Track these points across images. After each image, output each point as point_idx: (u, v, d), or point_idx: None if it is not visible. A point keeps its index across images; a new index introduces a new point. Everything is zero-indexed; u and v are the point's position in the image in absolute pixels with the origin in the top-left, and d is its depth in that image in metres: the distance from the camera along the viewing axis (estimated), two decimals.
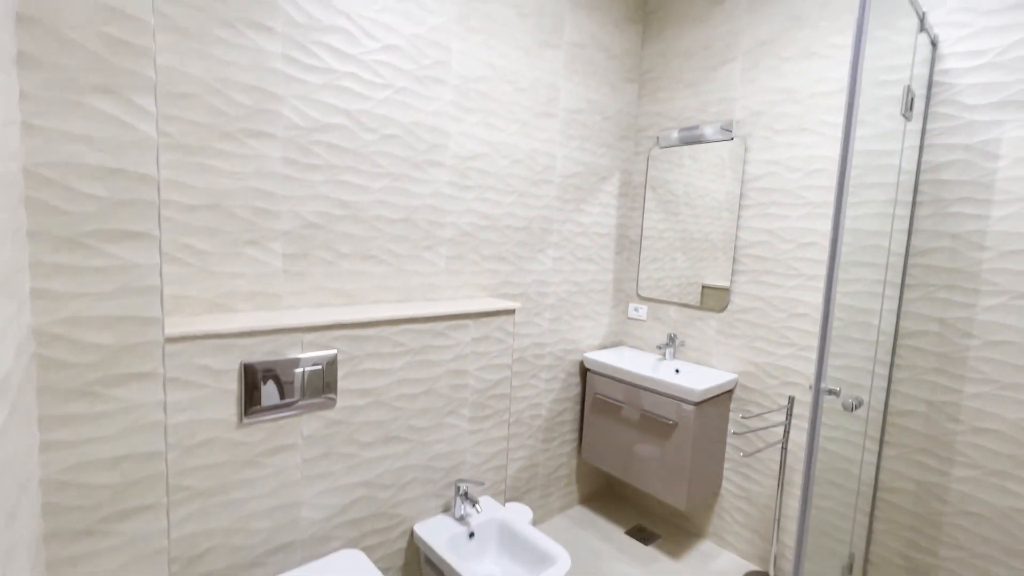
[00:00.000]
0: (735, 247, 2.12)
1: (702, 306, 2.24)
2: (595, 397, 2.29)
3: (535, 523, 2.28)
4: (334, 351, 1.37)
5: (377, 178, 1.56)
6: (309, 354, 1.32)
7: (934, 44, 1.61)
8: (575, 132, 2.17)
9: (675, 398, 1.99)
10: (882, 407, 1.76)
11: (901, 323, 1.72)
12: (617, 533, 2.28)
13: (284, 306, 1.42)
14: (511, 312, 1.81)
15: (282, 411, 1.29)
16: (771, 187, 2.00)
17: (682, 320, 2.32)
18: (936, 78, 1.62)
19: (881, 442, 1.78)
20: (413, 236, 1.68)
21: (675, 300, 2.35)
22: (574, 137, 2.17)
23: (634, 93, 2.43)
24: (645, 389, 2.09)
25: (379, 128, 1.55)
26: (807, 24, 1.88)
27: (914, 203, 1.68)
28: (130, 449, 0.91)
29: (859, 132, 1.48)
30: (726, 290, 2.16)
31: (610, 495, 2.61)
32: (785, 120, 1.95)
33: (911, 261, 1.69)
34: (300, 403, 1.32)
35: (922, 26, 1.51)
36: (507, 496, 2.13)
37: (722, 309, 2.17)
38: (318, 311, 1.42)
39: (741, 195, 2.09)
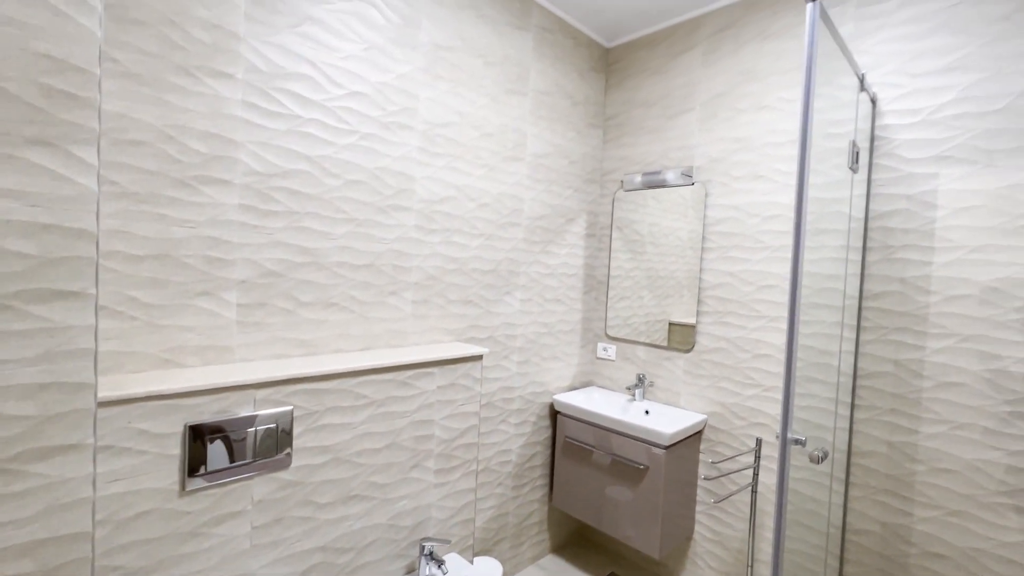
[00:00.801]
0: (699, 288, 2.16)
1: (669, 345, 2.26)
2: (565, 441, 2.25)
3: None
4: (290, 407, 1.29)
5: (340, 224, 1.53)
6: (263, 412, 1.24)
7: (874, 102, 1.73)
8: (542, 175, 2.20)
9: (645, 441, 1.96)
10: (846, 448, 1.78)
11: (859, 364, 1.77)
12: None
13: (238, 359, 1.34)
14: (478, 358, 1.78)
15: (231, 475, 1.20)
16: (731, 231, 2.06)
17: (651, 360, 2.33)
18: (877, 132, 1.73)
19: (847, 483, 1.79)
20: (378, 282, 1.64)
21: (643, 339, 2.36)
22: (541, 180, 2.20)
23: (599, 138, 2.50)
24: (615, 432, 2.07)
25: (343, 173, 1.52)
26: (757, 78, 1.99)
27: (865, 249, 1.76)
28: (50, 532, 0.82)
29: (812, 180, 1.56)
30: (692, 327, 2.18)
31: (583, 543, 2.53)
32: (742, 167, 2.03)
33: (865, 304, 1.76)
34: (252, 465, 1.23)
35: (862, 86, 1.62)
36: (476, 550, 2.03)
37: (689, 349, 2.19)
38: (274, 364, 1.35)
39: (703, 238, 2.15)
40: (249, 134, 1.33)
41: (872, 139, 1.74)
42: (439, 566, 1.52)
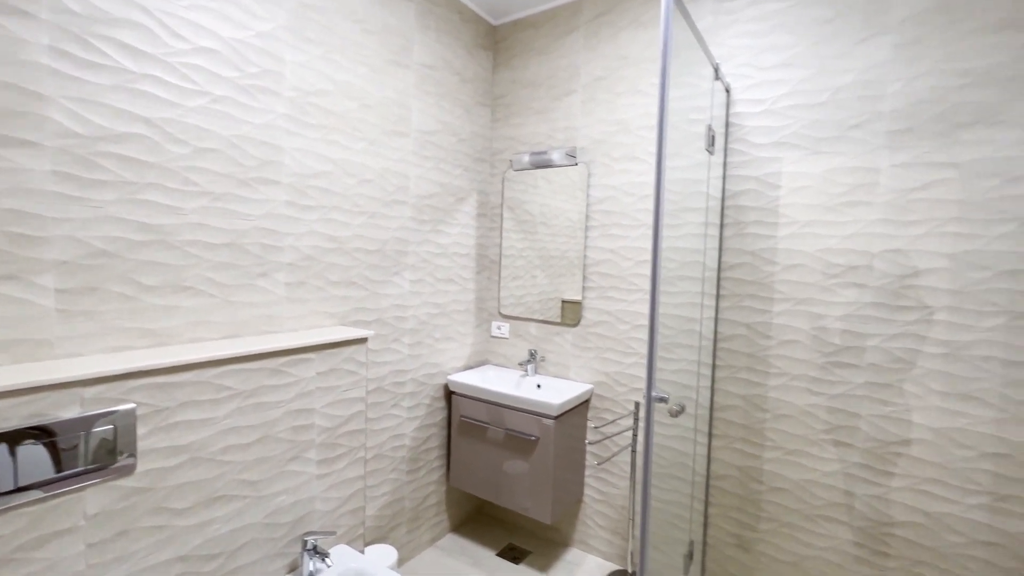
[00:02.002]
0: (584, 265, 2.26)
1: (562, 321, 2.34)
2: (461, 420, 2.25)
3: (401, 562, 2.15)
4: (132, 405, 1.13)
5: (191, 197, 1.36)
6: (94, 412, 1.08)
7: (728, 91, 1.90)
8: (430, 153, 2.15)
9: (536, 414, 2.03)
10: (708, 404, 1.99)
11: (718, 329, 1.97)
12: (489, 556, 2.25)
13: (60, 354, 1.14)
14: (362, 341, 1.70)
15: (54, 488, 1.03)
16: (611, 210, 2.17)
17: (542, 336, 2.40)
18: (731, 119, 1.91)
19: (710, 436, 2.00)
20: (243, 262, 1.49)
21: (537, 316, 2.42)
22: (429, 158, 2.14)
23: (488, 117, 2.48)
24: (508, 407, 2.11)
25: (192, 140, 1.35)
26: (632, 64, 2.09)
27: (722, 225, 1.95)
28: None
29: (676, 163, 1.68)
30: (579, 304, 2.28)
31: (482, 519, 2.57)
32: (620, 149, 2.14)
33: (723, 275, 1.95)
34: (83, 475, 1.06)
35: (717, 75, 1.77)
36: (368, 539, 1.97)
37: (576, 323, 2.29)
38: (110, 358, 1.17)
39: (587, 216, 2.24)
40: (61, 88, 1.12)
41: (727, 125, 1.92)
42: (323, 559, 1.45)
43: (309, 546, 1.46)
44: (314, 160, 1.67)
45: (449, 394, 2.35)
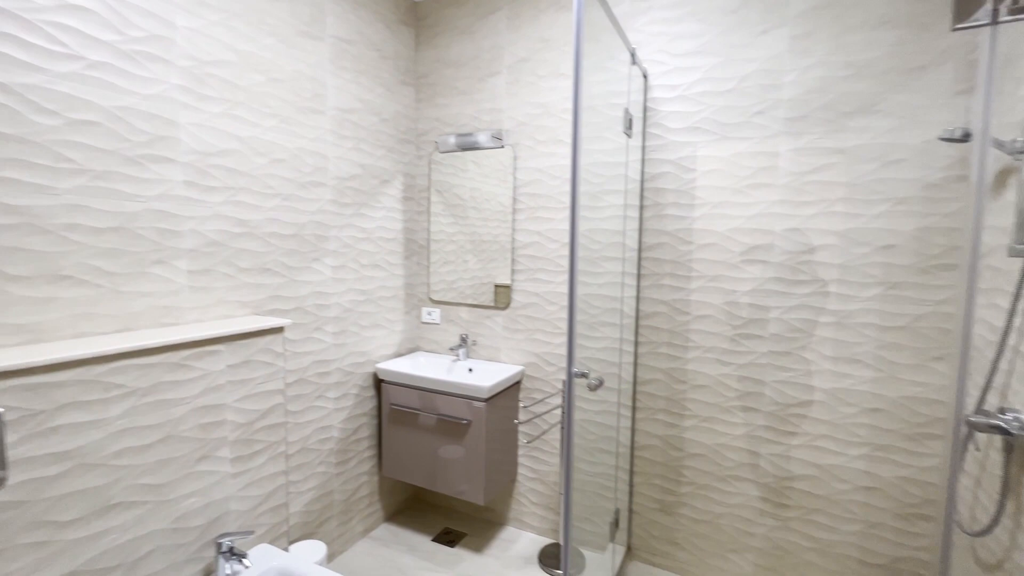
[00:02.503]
0: (513, 248, 2.27)
1: (494, 304, 2.35)
2: (392, 408, 2.21)
3: (333, 556, 2.09)
4: None
5: (65, 176, 1.21)
6: None
7: (645, 76, 1.96)
8: (349, 132, 2.05)
9: (467, 397, 2.03)
10: (632, 378, 2.08)
11: (640, 307, 2.06)
12: (424, 542, 2.24)
13: None
14: (279, 330, 1.61)
15: None
16: (538, 192, 2.19)
17: (473, 320, 2.40)
18: (649, 104, 1.98)
19: (633, 409, 2.10)
20: (134, 248, 1.35)
21: (469, 301, 2.41)
22: (348, 138, 2.05)
23: (411, 96, 2.41)
24: (440, 393, 2.09)
25: (63, 111, 1.19)
26: (554, 47, 2.10)
27: (641, 207, 2.02)
28: None
29: (596, 146, 1.71)
30: (510, 288, 2.29)
31: (417, 506, 2.55)
32: (544, 132, 2.15)
33: (643, 255, 2.04)
34: None
35: (634, 60, 1.82)
36: (294, 536, 1.90)
37: (507, 306, 2.31)
38: None
39: (514, 199, 2.25)
40: None
41: (644, 110, 1.98)
42: (240, 561, 1.37)
43: (224, 548, 1.38)
44: (216, 137, 1.54)
45: (379, 382, 2.30)
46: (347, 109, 2.03)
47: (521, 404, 2.29)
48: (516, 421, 2.09)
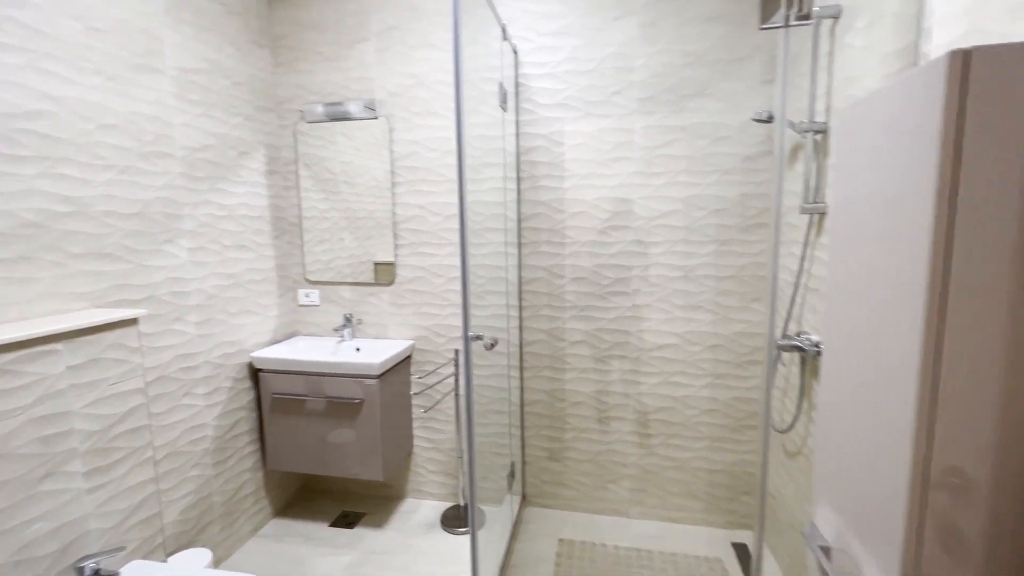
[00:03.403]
0: (394, 222, 2.24)
1: (377, 281, 2.30)
2: (273, 397, 2.07)
3: (218, 561, 1.94)
4: None
5: None
6: None
7: (515, 52, 2.04)
8: (197, 96, 1.81)
9: (357, 376, 1.99)
10: (518, 341, 2.22)
11: (522, 273, 2.19)
12: (321, 529, 2.18)
13: None
14: (131, 322, 1.41)
15: None
16: (417, 165, 2.18)
17: (356, 299, 2.33)
18: (520, 80, 2.07)
19: (521, 369, 2.25)
20: None
21: (349, 280, 2.32)
22: (197, 102, 1.81)
23: (268, 59, 2.20)
24: (327, 375, 2.02)
25: None
26: (424, 16, 2.08)
27: (519, 179, 2.13)
28: None
29: (474, 120, 1.76)
30: (393, 265, 2.27)
31: (310, 495, 2.45)
32: (419, 104, 2.13)
33: (523, 225, 2.16)
34: None
35: (505, 36, 1.89)
36: (172, 547, 1.72)
37: (392, 282, 2.28)
38: None
39: (392, 172, 2.21)
40: None
41: (517, 85, 2.07)
42: None
43: (88, 572, 1.21)
44: (19, 94, 1.27)
45: (255, 372, 2.13)
46: (191, 69, 1.79)
47: (414, 377, 2.31)
48: (413, 393, 2.11)
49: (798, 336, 1.64)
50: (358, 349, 2.23)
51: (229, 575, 1.27)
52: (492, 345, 1.49)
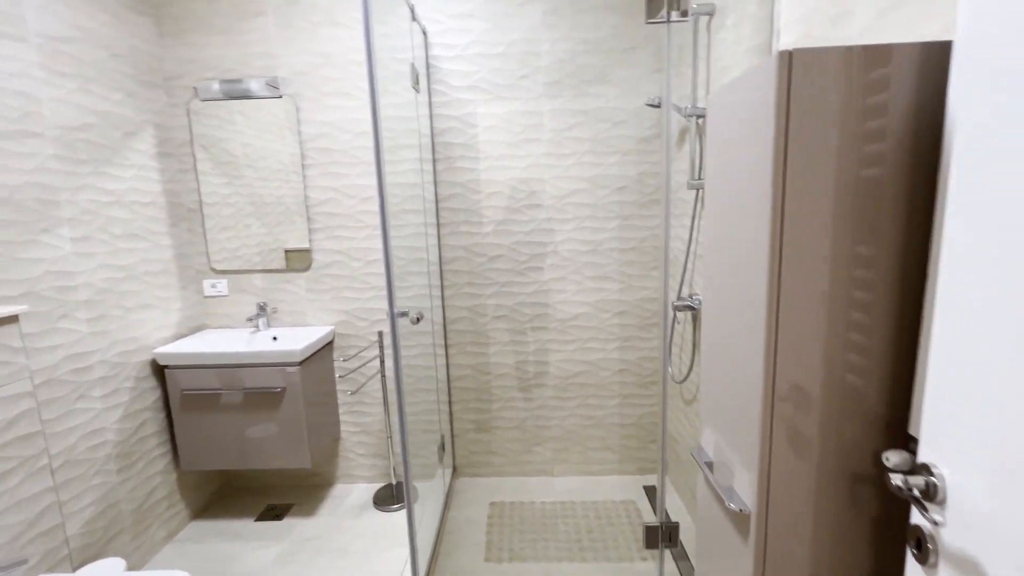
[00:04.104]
0: (307, 206, 2.18)
1: (291, 268, 2.23)
2: (184, 394, 1.96)
3: (133, 570, 1.82)
4: None
5: None
6: None
7: (425, 33, 2.06)
8: (69, 68, 1.63)
9: (277, 365, 1.94)
10: (442, 320, 2.28)
11: (442, 253, 2.25)
12: (247, 525, 2.11)
13: None
14: (11, 320, 1.28)
15: None
16: (329, 147, 2.13)
17: (270, 287, 2.24)
18: (431, 61, 2.09)
19: (446, 346, 2.32)
20: None
21: (259, 268, 2.23)
22: (69, 75, 1.63)
23: (151, 30, 2.01)
24: (244, 366, 1.95)
25: None
26: None
27: (434, 160, 2.17)
28: None
29: (387, 100, 1.77)
30: (308, 251, 2.21)
31: (229, 494, 2.36)
32: (329, 83, 2.08)
33: (440, 205, 2.21)
34: None
35: (413, 16, 1.90)
36: (79, 559, 1.60)
37: (307, 268, 2.22)
38: None
39: (303, 155, 2.14)
40: None
41: (428, 66, 2.09)
42: None
43: None
44: None
45: (161, 370, 2.00)
46: (60, 37, 1.61)
47: (337, 363, 2.29)
48: (339, 376, 2.09)
49: (690, 297, 1.87)
50: (275, 338, 2.16)
51: (154, 574, 1.23)
52: (419, 319, 1.55)
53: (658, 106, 1.91)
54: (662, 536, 1.55)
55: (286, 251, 2.24)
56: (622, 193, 2.15)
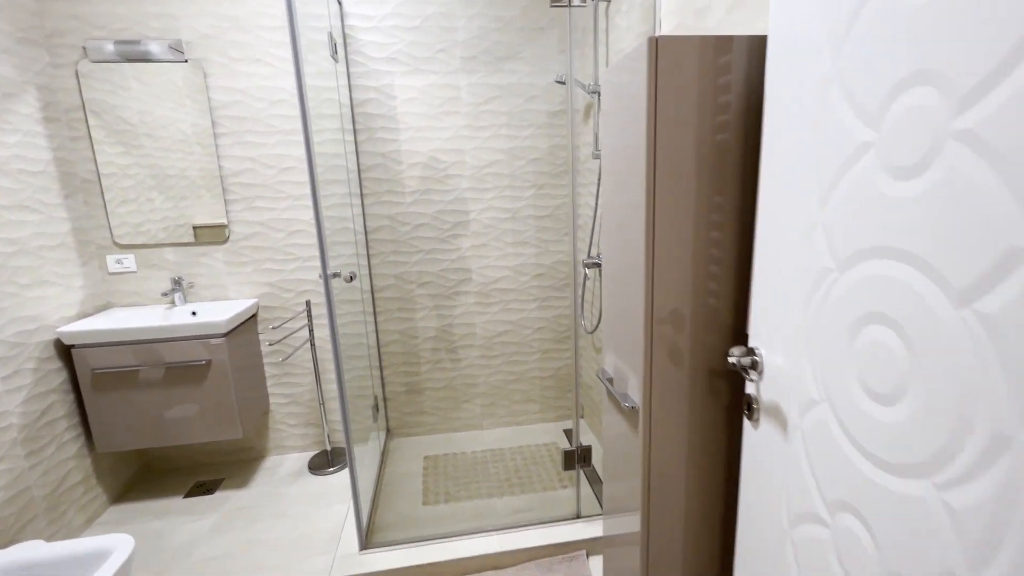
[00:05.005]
0: (222, 176, 2.12)
1: (204, 241, 2.16)
2: (96, 374, 1.88)
3: None
4: None
5: None
6: None
7: (340, 3, 2.07)
8: None
9: (200, 337, 1.92)
10: (370, 288, 2.35)
11: (367, 223, 2.30)
12: (174, 503, 2.09)
13: None
14: None
15: None
16: (241, 115, 2.09)
17: (185, 261, 2.17)
18: (347, 32, 2.11)
19: (375, 313, 2.40)
20: None
21: (168, 241, 2.15)
22: None
23: None
24: (162, 341, 1.90)
25: None
26: None
27: (355, 130, 2.20)
28: None
29: (307, 69, 1.78)
30: (223, 226, 2.16)
31: (152, 475, 2.29)
32: (239, 49, 2.03)
33: (363, 175, 2.25)
34: None
35: None
36: None
37: (225, 240, 2.18)
38: None
39: (214, 123, 2.07)
40: None
41: (344, 36, 2.11)
42: None
43: None
44: None
45: (67, 349, 1.89)
46: None
47: (264, 337, 2.28)
48: (269, 343, 2.10)
49: (598, 256, 2.11)
50: (194, 313, 2.12)
51: (93, 539, 1.25)
52: (352, 277, 1.63)
53: (564, 83, 2.10)
54: (578, 458, 1.79)
55: (194, 227, 2.18)
56: (536, 164, 2.33)
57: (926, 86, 0.48)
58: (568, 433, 2.53)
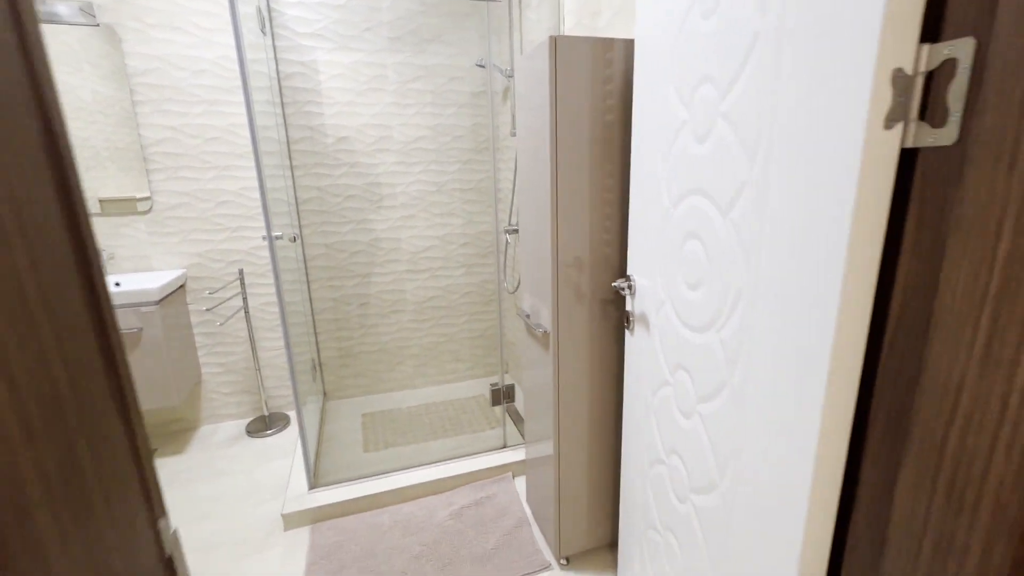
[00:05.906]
0: (142, 145, 2.11)
1: (107, 213, 2.13)
2: None
3: None
4: None
5: None
6: None
7: None
8: None
9: (130, 306, 1.94)
10: (303, 256, 2.45)
11: (298, 194, 2.39)
12: None
13: None
14: None
15: None
16: (161, 83, 2.08)
17: (103, 231, 2.14)
18: (273, 5, 2.16)
19: (308, 282, 2.50)
20: None
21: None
22: None
23: None
24: None
25: None
26: None
27: (283, 103, 2.27)
28: None
29: (231, 40, 1.84)
30: (132, 200, 2.14)
31: None
32: (155, 15, 2.01)
33: (292, 148, 2.33)
34: None
35: None
36: None
37: (148, 211, 2.17)
38: None
39: (132, 90, 2.05)
40: None
41: (269, 10, 2.16)
42: None
43: None
44: None
45: None
46: None
47: (194, 306, 2.30)
48: (206, 310, 2.13)
49: (517, 223, 2.37)
50: (118, 284, 2.10)
51: None
52: (294, 239, 1.75)
53: (484, 67, 2.32)
54: (503, 394, 2.07)
55: (100, 200, 2.15)
56: (460, 141, 2.54)
57: (708, 84, 0.78)
58: (494, 386, 2.81)
